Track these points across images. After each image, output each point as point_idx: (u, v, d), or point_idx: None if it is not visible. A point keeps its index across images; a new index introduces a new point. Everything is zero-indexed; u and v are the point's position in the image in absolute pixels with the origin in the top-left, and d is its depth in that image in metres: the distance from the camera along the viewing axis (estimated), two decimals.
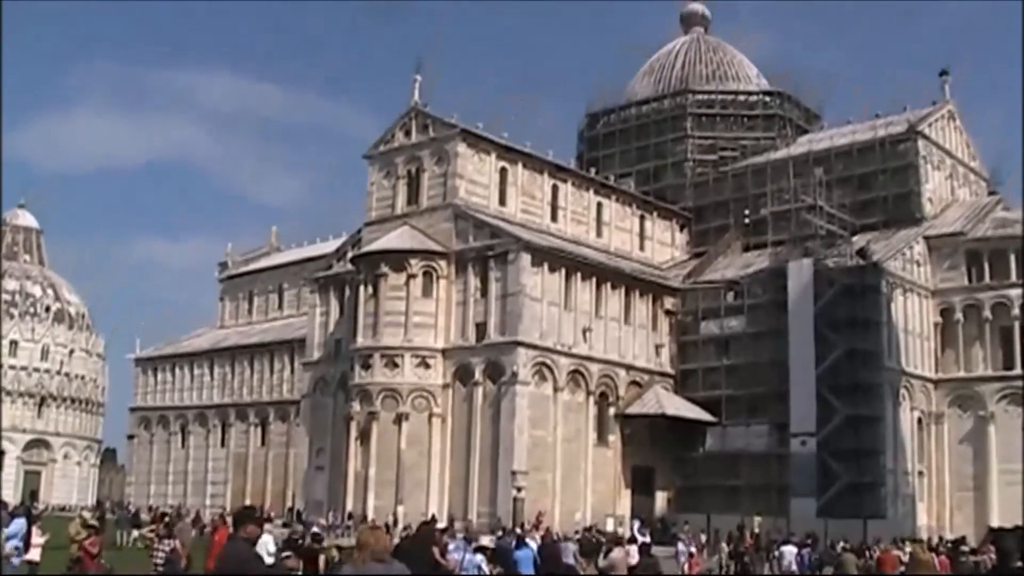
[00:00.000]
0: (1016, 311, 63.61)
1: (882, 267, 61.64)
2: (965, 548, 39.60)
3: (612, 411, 63.11)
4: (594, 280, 62.99)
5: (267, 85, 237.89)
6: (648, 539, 32.17)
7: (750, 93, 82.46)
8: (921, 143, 69.43)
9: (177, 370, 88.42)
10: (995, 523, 58.26)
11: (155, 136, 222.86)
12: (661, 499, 65.09)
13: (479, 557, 21.88)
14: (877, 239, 65.72)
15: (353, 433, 61.13)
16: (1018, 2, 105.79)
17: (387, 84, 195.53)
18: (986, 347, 64.93)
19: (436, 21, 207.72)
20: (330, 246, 75.87)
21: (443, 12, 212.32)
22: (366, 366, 60.79)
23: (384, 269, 60.88)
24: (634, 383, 64.36)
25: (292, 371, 76.70)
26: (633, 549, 21.84)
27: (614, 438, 63.07)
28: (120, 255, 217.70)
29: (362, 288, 62.29)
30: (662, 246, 74.72)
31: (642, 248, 73.17)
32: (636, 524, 56.52)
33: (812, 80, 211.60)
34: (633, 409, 63.42)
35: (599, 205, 70.71)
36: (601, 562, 20.03)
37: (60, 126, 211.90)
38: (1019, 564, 10.97)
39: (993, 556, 31.18)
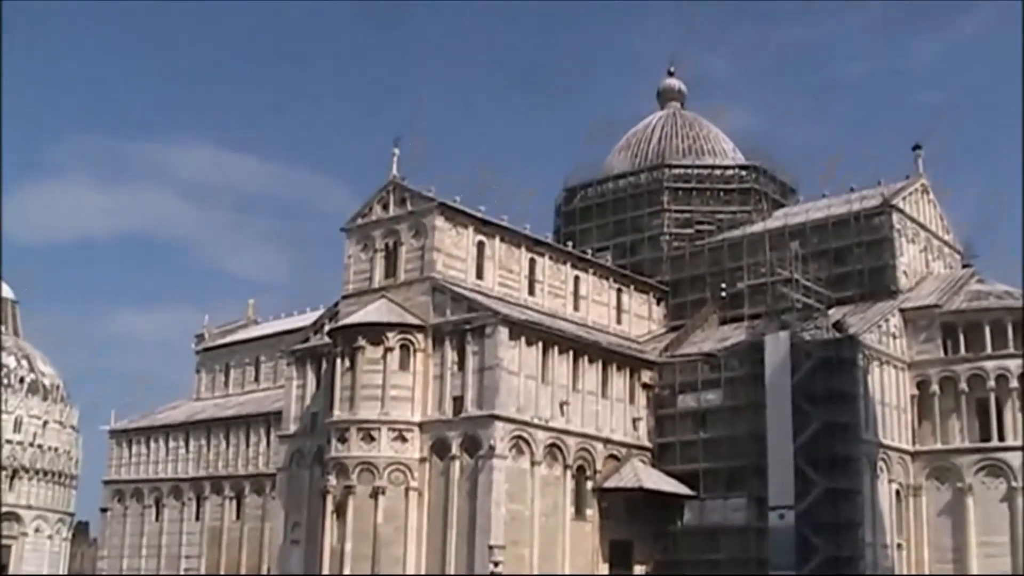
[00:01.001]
0: (992, 383, 63.89)
1: (858, 340, 61.87)
2: None
3: (590, 485, 62.80)
4: (571, 354, 62.97)
5: (246, 156, 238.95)
6: None
7: (726, 167, 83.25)
8: (896, 217, 70.04)
9: (152, 443, 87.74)
10: None
11: (133, 208, 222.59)
12: (640, 573, 64.65)
13: None
14: (853, 312, 66.12)
15: (329, 507, 60.60)
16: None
17: (366, 157, 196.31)
18: (963, 419, 65.06)
19: (416, 95, 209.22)
20: (307, 319, 75.74)
21: (423, 85, 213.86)
22: (342, 439, 60.43)
23: (361, 342, 60.75)
24: (612, 456, 64.15)
25: (268, 444, 76.31)
26: None
27: (592, 512, 62.71)
28: (96, 326, 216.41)
29: (339, 361, 62.06)
30: (639, 319, 74.89)
31: (619, 321, 73.32)
32: None
33: (787, 154, 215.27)
34: (611, 483, 63.15)
35: (576, 279, 70.95)
36: None
37: (38, 197, 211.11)
38: None
39: None
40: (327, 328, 65.76)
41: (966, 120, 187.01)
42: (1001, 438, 63.89)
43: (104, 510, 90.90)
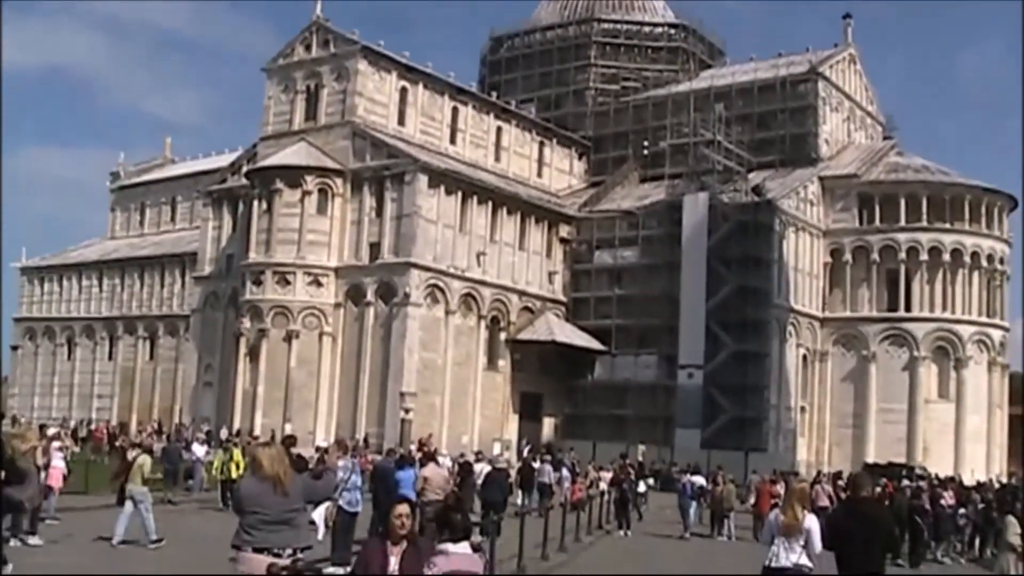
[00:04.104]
0: (903, 255, 65.02)
1: (776, 205, 62.43)
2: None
3: (503, 336, 63.36)
4: (490, 204, 62.87)
5: None
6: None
7: (655, 25, 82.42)
8: (821, 84, 70.22)
9: (65, 281, 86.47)
10: (871, 460, 60.05)
11: (46, 41, 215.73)
12: (548, 425, 65.69)
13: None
14: (773, 177, 66.52)
15: (242, 350, 60.70)
16: None
17: None
18: (872, 288, 66.35)
19: None
20: (225, 160, 74.51)
21: None
22: (257, 282, 60.20)
23: (279, 185, 60.09)
24: (526, 309, 64.63)
25: (183, 285, 75.51)
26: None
27: (504, 363, 63.35)
28: (7, 162, 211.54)
29: (256, 203, 61.46)
30: (560, 174, 74.81)
31: (540, 175, 73.17)
32: (525, 449, 57.14)
33: (718, 16, 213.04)
34: (524, 335, 63.71)
35: (499, 130, 70.49)
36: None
37: None
38: (865, 494, 11.29)
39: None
40: (245, 170, 64.87)
41: None
42: (908, 309, 65.33)
43: (15, 348, 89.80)
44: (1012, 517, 19.90)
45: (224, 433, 51.49)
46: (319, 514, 16.98)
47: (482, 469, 27.10)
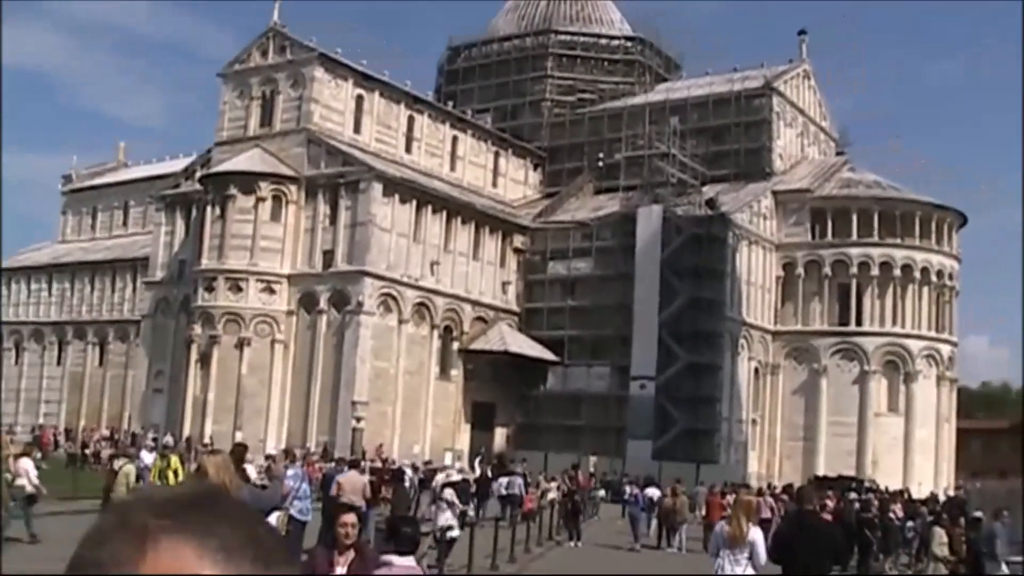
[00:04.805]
0: (854, 269, 65.60)
1: (729, 218, 62.76)
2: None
3: (456, 346, 63.23)
4: (445, 214, 62.78)
5: None
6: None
7: (612, 37, 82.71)
8: (776, 99, 70.77)
9: (13, 284, 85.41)
10: (821, 472, 60.46)
11: (8, 41, 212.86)
12: (500, 435, 65.51)
13: (447, 492, 20.15)
14: (726, 191, 66.88)
15: (193, 356, 60.19)
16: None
17: (250, 2, 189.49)
18: (824, 302, 66.85)
19: None
20: (180, 164, 74.00)
21: None
22: (209, 288, 59.77)
23: (233, 191, 59.75)
24: (479, 319, 64.57)
25: (134, 290, 74.85)
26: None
27: (456, 373, 63.25)
28: None
29: (209, 209, 61.09)
30: (515, 184, 74.90)
31: (495, 185, 73.18)
32: (477, 460, 57.00)
33: (674, 30, 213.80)
34: (477, 345, 63.62)
35: (454, 139, 70.46)
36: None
37: None
38: (811, 507, 11.42)
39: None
40: (199, 175, 64.51)
41: (851, 10, 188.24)
42: (859, 323, 65.91)
43: None
44: (939, 528, 20.24)
45: (169, 440, 51.00)
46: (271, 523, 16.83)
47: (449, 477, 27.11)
